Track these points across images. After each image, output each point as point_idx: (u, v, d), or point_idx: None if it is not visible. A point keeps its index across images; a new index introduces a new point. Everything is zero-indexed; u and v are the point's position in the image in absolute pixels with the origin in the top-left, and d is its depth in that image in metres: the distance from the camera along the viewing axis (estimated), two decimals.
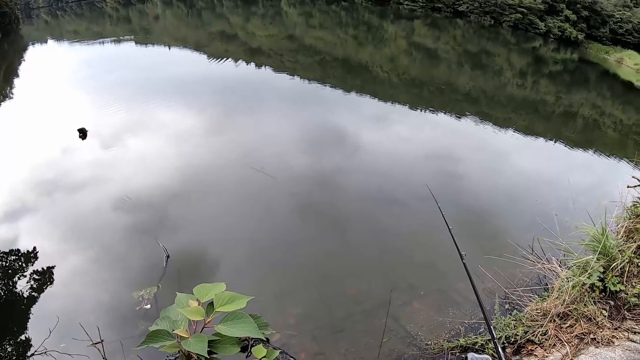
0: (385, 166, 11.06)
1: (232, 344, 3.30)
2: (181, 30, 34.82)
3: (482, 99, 22.66)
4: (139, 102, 14.31)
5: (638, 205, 7.26)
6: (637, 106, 26.82)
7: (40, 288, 6.54)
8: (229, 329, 3.22)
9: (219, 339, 3.27)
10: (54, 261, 6.98)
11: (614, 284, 5.55)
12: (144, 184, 9.32)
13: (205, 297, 3.39)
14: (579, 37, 56.56)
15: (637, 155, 11.30)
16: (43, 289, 6.52)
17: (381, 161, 11.37)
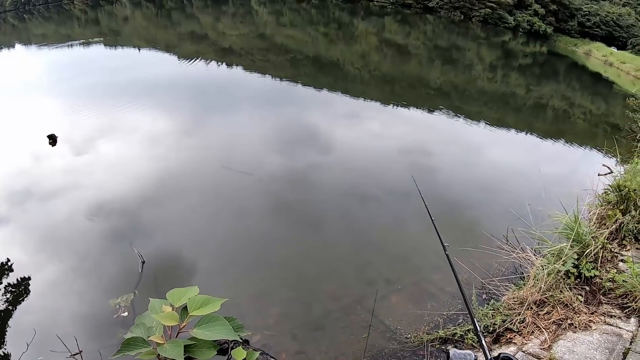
0: (358, 162, 11.04)
1: (208, 347, 3.24)
2: (151, 31, 34.49)
3: (453, 93, 22.77)
4: (110, 106, 14.10)
5: (609, 192, 7.35)
6: (605, 97, 27.20)
7: (15, 301, 6.38)
8: (204, 332, 3.16)
9: (195, 343, 3.21)
10: (29, 272, 6.81)
11: (589, 270, 5.61)
12: (117, 189, 9.17)
13: (178, 302, 3.32)
14: (548, 30, 57.31)
15: (607, 144, 11.41)
16: (19, 301, 6.36)
17: (354, 157, 11.34)
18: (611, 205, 7.01)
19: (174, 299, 3.33)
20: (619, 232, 6.61)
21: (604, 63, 43.55)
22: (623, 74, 38.19)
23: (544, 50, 47.44)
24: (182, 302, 3.30)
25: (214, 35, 32.69)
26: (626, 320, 4.95)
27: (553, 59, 43.17)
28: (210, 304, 3.29)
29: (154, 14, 43.61)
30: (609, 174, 9.12)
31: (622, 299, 5.24)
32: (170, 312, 3.22)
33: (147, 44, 28.50)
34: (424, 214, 5.18)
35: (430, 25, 52.04)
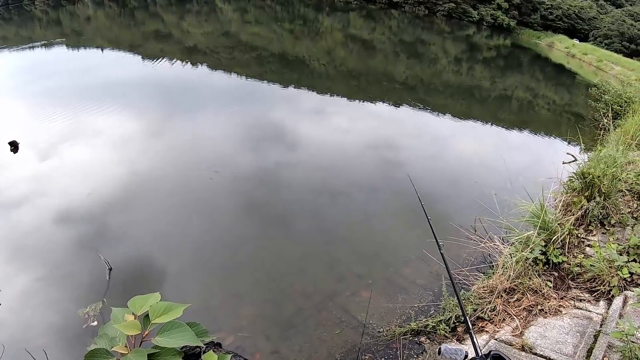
0: (326, 159, 10.99)
1: (173, 354, 3.16)
2: (114, 31, 33.95)
3: (419, 86, 22.89)
4: (73, 109, 13.79)
5: (574, 179, 7.42)
6: (568, 87, 27.63)
7: None
8: (166, 340, 3.08)
9: (158, 351, 3.12)
10: None
11: (556, 256, 5.68)
12: (83, 194, 8.96)
13: (140, 310, 3.23)
14: (511, 24, 58.15)
15: (571, 133, 11.56)
16: None
17: (322, 154, 11.29)
18: (576, 192, 7.09)
19: (135, 307, 3.24)
20: (585, 218, 6.70)
21: (566, 55, 44.32)
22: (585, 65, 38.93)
23: (508, 43, 48.07)
24: (144, 310, 3.21)
25: (179, 33, 32.35)
26: (595, 303, 5.01)
27: (517, 51, 43.76)
28: (172, 310, 3.21)
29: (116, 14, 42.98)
30: (574, 161, 9.25)
31: (591, 283, 5.31)
32: (131, 321, 3.13)
33: (110, 44, 28.04)
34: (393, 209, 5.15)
35: (395, 20, 52.27)
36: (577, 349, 4.30)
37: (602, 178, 6.73)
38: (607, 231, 6.47)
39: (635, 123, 11.01)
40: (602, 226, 6.63)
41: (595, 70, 34.42)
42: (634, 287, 5.00)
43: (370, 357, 5.12)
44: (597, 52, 42.97)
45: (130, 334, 3.06)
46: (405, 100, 18.16)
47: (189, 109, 14.20)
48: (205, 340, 3.58)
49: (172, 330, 3.15)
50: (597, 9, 61.46)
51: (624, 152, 8.59)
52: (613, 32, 53.50)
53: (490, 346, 4.52)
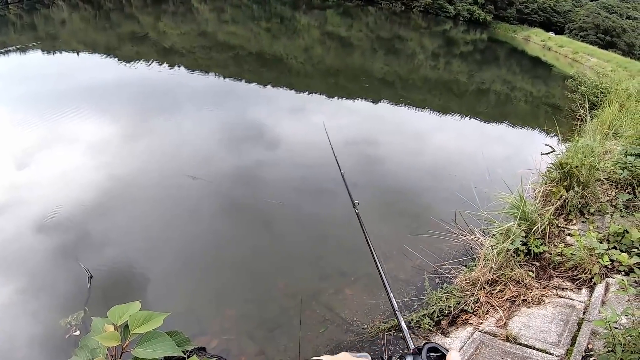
0: (305, 157, 10.95)
1: None
2: (90, 34, 33.58)
3: (397, 82, 22.94)
4: (50, 115, 13.59)
5: (552, 170, 7.47)
6: (545, 79, 27.86)
7: None
8: (146, 350, 3.02)
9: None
10: None
11: (537, 246, 5.71)
12: (62, 202, 8.82)
13: (120, 320, 3.16)
14: (487, 18, 58.69)
15: (549, 125, 11.64)
16: None
17: (301, 152, 11.25)
18: (555, 183, 7.14)
19: (115, 317, 3.17)
20: (564, 207, 6.76)
21: (542, 47, 44.82)
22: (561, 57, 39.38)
23: (484, 37, 48.42)
24: (123, 320, 3.15)
25: (155, 35, 32.10)
26: (578, 291, 5.04)
27: (493, 45, 44.07)
28: (152, 320, 3.14)
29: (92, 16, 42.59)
30: (552, 152, 9.30)
31: (572, 272, 5.34)
32: (111, 332, 3.07)
33: (86, 47, 27.72)
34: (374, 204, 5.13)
35: (372, 17, 52.40)
36: (561, 337, 4.31)
37: (580, 168, 6.77)
38: (586, 220, 6.52)
39: (611, 113, 11.13)
40: (582, 215, 6.69)
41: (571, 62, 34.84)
42: (615, 274, 5.04)
43: None
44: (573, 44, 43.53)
45: (110, 345, 3.00)
46: (384, 97, 18.19)
47: (167, 111, 14.07)
48: (187, 349, 3.54)
49: (152, 340, 3.09)
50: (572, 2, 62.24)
51: (601, 141, 8.68)
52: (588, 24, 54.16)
53: (474, 338, 4.52)
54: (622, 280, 4.04)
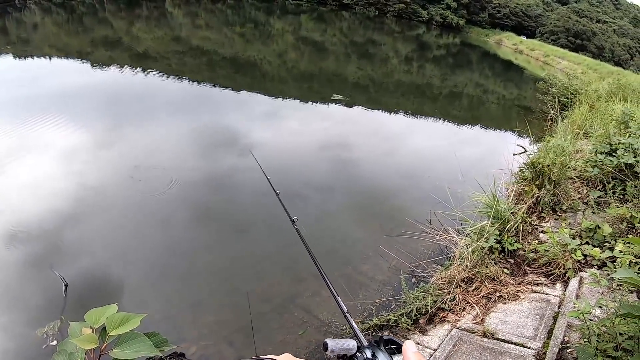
0: (278, 161, 10.94)
1: None
2: (62, 39, 33.19)
3: (371, 86, 23.05)
4: (19, 122, 13.40)
5: (524, 169, 7.57)
6: (517, 82, 28.22)
7: None
8: (124, 351, 2.98)
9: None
10: None
11: (511, 244, 5.78)
12: (32, 211, 8.68)
13: (97, 322, 3.11)
14: (460, 22, 59.41)
15: (520, 126, 11.79)
16: None
17: (274, 157, 11.24)
18: (527, 182, 7.24)
19: (92, 319, 3.13)
20: (537, 205, 6.86)
21: (514, 51, 45.44)
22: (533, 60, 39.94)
23: (457, 41, 48.90)
24: (101, 323, 3.11)
25: (128, 39, 31.85)
26: (552, 286, 5.11)
27: (466, 49, 44.52)
28: (129, 321, 3.10)
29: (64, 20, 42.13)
30: (524, 152, 9.40)
31: (546, 267, 5.42)
32: (89, 335, 3.03)
33: (58, 52, 27.42)
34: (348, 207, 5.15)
35: (346, 22, 52.64)
36: (538, 331, 4.36)
37: (551, 167, 6.88)
38: (559, 217, 6.62)
39: (582, 113, 11.32)
40: (554, 212, 6.78)
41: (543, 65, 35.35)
42: (588, 269, 5.12)
43: None
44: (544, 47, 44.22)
45: (88, 347, 2.97)
46: (357, 101, 18.26)
47: (140, 118, 13.95)
48: (165, 349, 3.50)
49: (130, 341, 3.05)
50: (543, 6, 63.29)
51: (572, 141, 8.83)
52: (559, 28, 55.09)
53: (452, 335, 4.56)
54: (595, 273, 4.11)
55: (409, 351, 1.00)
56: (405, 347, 1.01)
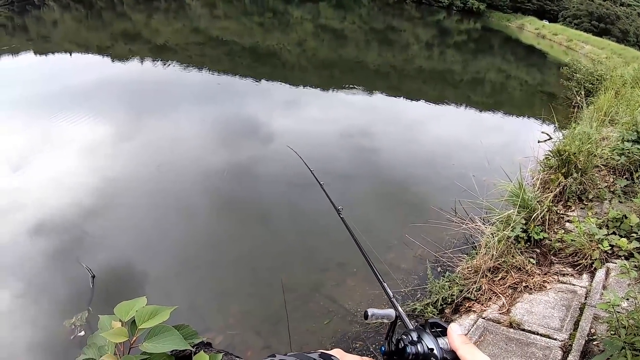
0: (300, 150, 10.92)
1: (162, 359, 3.10)
2: (82, 34, 33.41)
3: (392, 73, 22.92)
4: (43, 117, 13.54)
5: (550, 157, 7.49)
6: (540, 67, 27.86)
7: None
8: (154, 345, 3.01)
9: (147, 357, 3.06)
10: None
11: (537, 233, 5.73)
12: (58, 203, 8.80)
13: (127, 316, 3.14)
14: (481, 7, 58.52)
15: (545, 112, 11.65)
16: None
17: (296, 145, 11.21)
18: (553, 170, 7.17)
19: (122, 313, 3.16)
20: (563, 194, 6.78)
21: (536, 36, 44.80)
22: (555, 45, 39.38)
23: (478, 26, 48.37)
24: (130, 316, 3.13)
25: (148, 32, 31.96)
26: (578, 277, 5.07)
27: (487, 34, 44.05)
28: (159, 314, 3.13)
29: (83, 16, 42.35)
30: (549, 140, 9.31)
31: (573, 257, 5.38)
32: (118, 329, 3.06)
33: (78, 47, 27.61)
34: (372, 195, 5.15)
35: (365, 8, 52.32)
36: (564, 322, 4.34)
37: (577, 155, 6.80)
38: (585, 206, 6.55)
39: (607, 100, 11.15)
40: (581, 201, 6.72)
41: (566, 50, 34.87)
42: (615, 259, 5.07)
43: (361, 344, 5.14)
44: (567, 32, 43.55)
45: (118, 341, 3.00)
46: (378, 88, 18.18)
47: (162, 109, 14.04)
48: (195, 341, 3.54)
49: (160, 334, 3.08)
50: None
51: (598, 128, 8.70)
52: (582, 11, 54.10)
53: (478, 325, 4.55)
54: (623, 264, 4.07)
55: (454, 333, 1.01)
56: (450, 330, 1.02)
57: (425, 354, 1.00)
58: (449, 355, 0.99)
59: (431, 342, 1.02)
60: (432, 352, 0.99)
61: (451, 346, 0.99)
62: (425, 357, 1.00)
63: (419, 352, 1.01)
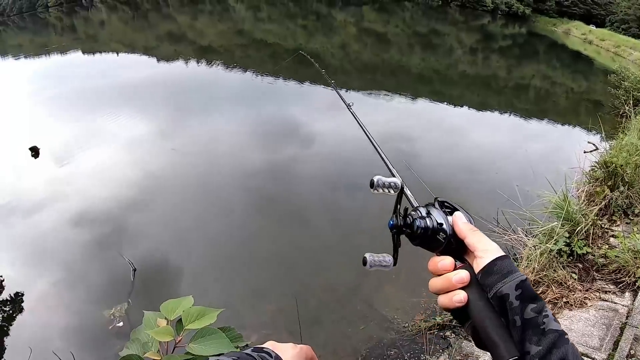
0: (341, 153, 10.96)
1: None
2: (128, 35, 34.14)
3: (434, 78, 22.79)
4: (90, 113, 13.89)
5: (596, 169, 7.34)
6: (586, 74, 27.29)
7: (10, 318, 6.29)
8: (200, 347, 3.03)
9: (191, 357, 3.10)
10: (21, 288, 6.70)
11: (581, 247, 5.61)
12: (102, 196, 9.02)
13: (173, 314, 3.18)
14: (526, 11, 57.65)
15: (591, 122, 11.42)
16: (13, 317, 6.27)
17: (337, 148, 11.26)
18: (599, 182, 7.02)
19: (168, 311, 3.20)
20: (608, 208, 6.63)
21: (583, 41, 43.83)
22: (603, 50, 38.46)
23: (523, 31, 47.70)
24: (176, 315, 3.17)
25: (193, 34, 32.41)
26: (621, 295, 4.95)
27: (533, 39, 43.37)
28: (205, 315, 3.16)
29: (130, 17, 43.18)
30: (595, 150, 9.15)
31: (616, 274, 5.25)
32: (164, 327, 3.10)
33: (125, 47, 28.18)
34: None
35: (409, 12, 52.11)
36: (604, 341, 4.26)
37: (625, 167, 6.65)
38: (631, 221, 6.40)
39: None
40: (626, 216, 6.56)
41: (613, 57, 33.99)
42: None
43: (396, 352, 5.11)
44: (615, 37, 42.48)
45: (163, 340, 3.04)
46: (421, 93, 18.08)
47: (205, 108, 14.25)
48: (240, 344, 3.56)
49: (207, 336, 3.11)
50: None
51: None
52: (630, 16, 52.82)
53: None
54: None
55: (460, 221, 0.99)
56: (456, 218, 1.00)
57: (434, 228, 0.99)
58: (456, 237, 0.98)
59: (440, 217, 1.00)
60: (442, 226, 0.98)
61: (459, 234, 0.98)
62: (434, 231, 0.99)
63: (428, 227, 1.00)
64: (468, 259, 0.98)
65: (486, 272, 0.90)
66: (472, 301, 0.91)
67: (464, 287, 0.93)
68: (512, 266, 0.89)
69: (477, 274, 0.92)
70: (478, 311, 0.90)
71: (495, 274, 0.89)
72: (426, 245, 1.03)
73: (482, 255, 0.92)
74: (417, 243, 1.05)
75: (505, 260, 0.90)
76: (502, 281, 0.87)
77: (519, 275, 0.88)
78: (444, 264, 0.96)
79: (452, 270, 0.96)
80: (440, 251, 1.00)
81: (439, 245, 0.99)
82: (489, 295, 0.89)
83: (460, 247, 0.99)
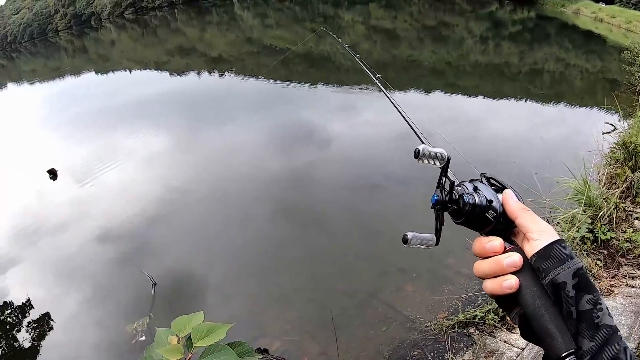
0: (358, 153, 10.94)
1: None
2: (139, 52, 34.46)
3: (447, 70, 22.63)
4: (106, 132, 14.07)
5: (616, 150, 7.21)
6: (600, 53, 26.93)
7: (39, 337, 6.46)
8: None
9: None
10: (48, 308, 6.85)
11: (604, 233, 5.50)
12: (121, 214, 9.13)
13: (183, 331, 3.19)
14: None
15: (608, 101, 11.26)
16: (43, 336, 6.44)
17: (354, 149, 11.24)
18: (619, 164, 6.89)
19: (178, 328, 3.20)
20: (631, 189, 6.49)
21: (594, 20, 43.28)
22: (614, 28, 37.95)
23: (533, 15, 47.20)
24: (187, 332, 3.18)
25: (202, 46, 32.59)
26: None
27: (542, 22, 42.91)
28: (215, 332, 3.16)
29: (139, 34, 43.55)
30: (613, 131, 9.00)
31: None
32: (174, 346, 3.10)
33: (136, 64, 28.44)
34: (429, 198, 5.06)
35: (416, 6, 51.82)
36: (632, 330, 4.17)
37: None
38: None
39: None
40: None
41: (626, 33, 33.48)
42: None
43: (419, 352, 5.07)
44: (625, 13, 41.87)
45: (173, 359, 3.05)
46: (434, 85, 17.99)
47: (220, 117, 14.33)
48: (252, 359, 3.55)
49: (216, 353, 3.11)
50: None
51: None
52: None
53: None
54: None
55: (511, 199, 0.93)
56: (506, 195, 0.94)
57: (483, 206, 0.92)
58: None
59: (490, 193, 0.94)
60: (491, 204, 0.92)
61: (510, 214, 0.92)
62: (482, 209, 0.92)
63: (477, 204, 0.92)
64: (516, 241, 0.93)
65: (541, 256, 0.85)
66: (524, 287, 0.85)
67: (515, 271, 0.87)
68: (569, 252, 0.84)
69: (531, 257, 0.87)
70: (532, 299, 0.84)
71: (552, 259, 0.84)
72: (472, 225, 0.96)
73: (537, 237, 0.87)
74: (462, 221, 0.97)
75: (563, 245, 0.85)
76: (560, 267, 0.82)
77: (577, 262, 0.83)
78: (493, 245, 0.91)
79: (501, 252, 0.90)
80: (487, 231, 0.95)
81: (487, 224, 0.93)
82: (544, 282, 0.84)
83: (508, 227, 0.93)
